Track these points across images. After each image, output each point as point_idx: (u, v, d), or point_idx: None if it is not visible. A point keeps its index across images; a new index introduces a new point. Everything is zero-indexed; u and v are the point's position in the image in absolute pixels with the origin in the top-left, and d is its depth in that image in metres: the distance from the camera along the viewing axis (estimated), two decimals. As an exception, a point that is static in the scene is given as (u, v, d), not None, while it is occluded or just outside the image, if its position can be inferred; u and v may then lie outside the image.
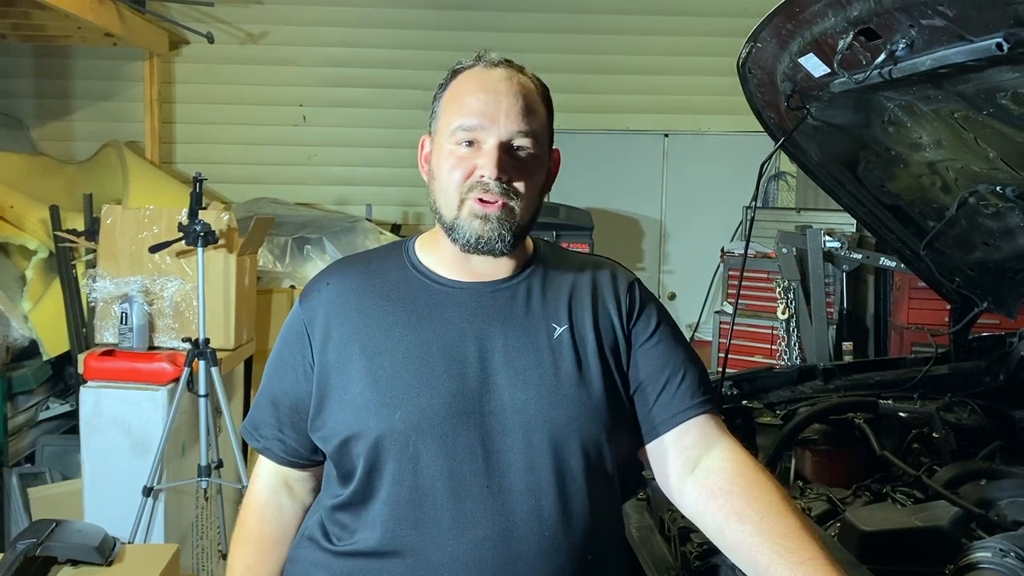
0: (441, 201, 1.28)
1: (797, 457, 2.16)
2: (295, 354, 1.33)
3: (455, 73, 1.32)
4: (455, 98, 1.28)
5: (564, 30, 5.69)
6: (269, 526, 1.42)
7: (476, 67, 1.30)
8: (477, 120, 1.24)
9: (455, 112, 1.26)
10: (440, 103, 1.31)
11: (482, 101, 1.25)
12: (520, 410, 1.24)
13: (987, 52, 1.37)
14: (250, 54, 5.56)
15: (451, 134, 1.26)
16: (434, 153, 1.31)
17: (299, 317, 1.35)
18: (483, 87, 1.26)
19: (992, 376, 2.43)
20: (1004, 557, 1.39)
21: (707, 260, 5.37)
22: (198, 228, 3.13)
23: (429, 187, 1.32)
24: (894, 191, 2.31)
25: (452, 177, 1.26)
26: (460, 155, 1.26)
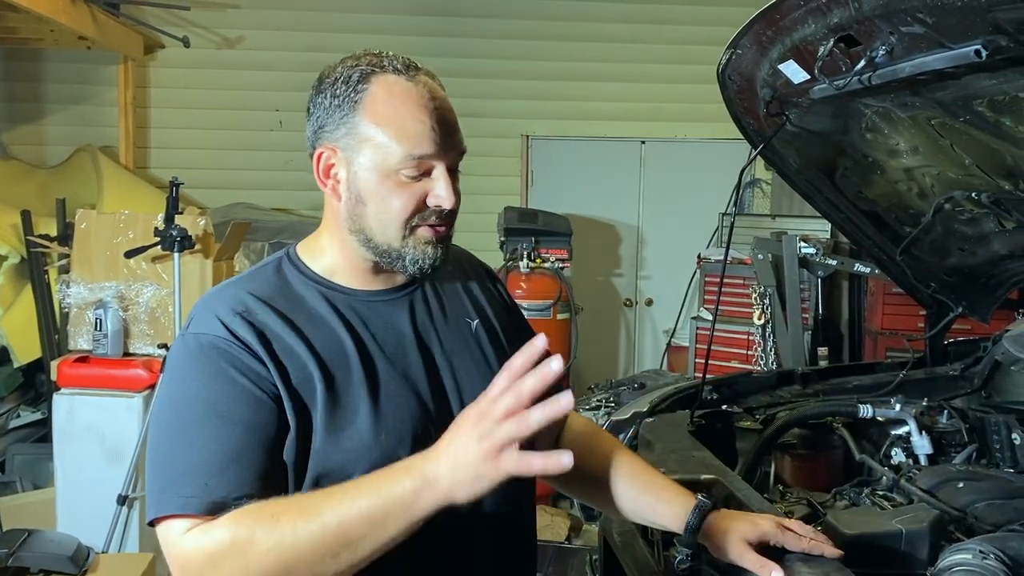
0: (377, 228, 1.18)
1: (777, 461, 2.17)
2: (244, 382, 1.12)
3: (368, 78, 1.18)
4: (386, 118, 1.16)
5: (540, 37, 5.71)
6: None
7: (389, 75, 1.19)
8: (428, 148, 1.16)
9: (395, 138, 1.15)
10: (355, 117, 1.17)
11: (427, 126, 1.16)
12: None
13: (966, 59, 1.40)
14: (226, 59, 5.52)
15: (396, 162, 1.16)
16: (357, 175, 1.18)
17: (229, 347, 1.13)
18: (419, 106, 1.17)
19: (967, 380, 2.46)
20: (984, 559, 1.41)
21: (683, 266, 5.40)
22: (175, 233, 3.10)
23: (348, 209, 1.19)
24: (871, 197, 2.34)
25: (401, 208, 1.17)
26: (410, 186, 1.17)
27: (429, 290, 1.30)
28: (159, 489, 1.07)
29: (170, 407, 1.12)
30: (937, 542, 1.52)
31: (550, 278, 4.79)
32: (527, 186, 5.82)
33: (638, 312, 5.98)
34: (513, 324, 1.40)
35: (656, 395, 2.45)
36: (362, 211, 1.19)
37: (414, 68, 1.21)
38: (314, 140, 1.22)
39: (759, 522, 1.35)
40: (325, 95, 1.20)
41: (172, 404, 1.12)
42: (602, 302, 5.85)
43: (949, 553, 1.45)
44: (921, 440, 2.11)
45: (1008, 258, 2.28)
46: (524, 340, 1.27)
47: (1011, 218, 2.09)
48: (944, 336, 2.60)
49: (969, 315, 2.52)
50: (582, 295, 5.29)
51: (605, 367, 5.73)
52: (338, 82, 1.19)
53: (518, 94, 5.72)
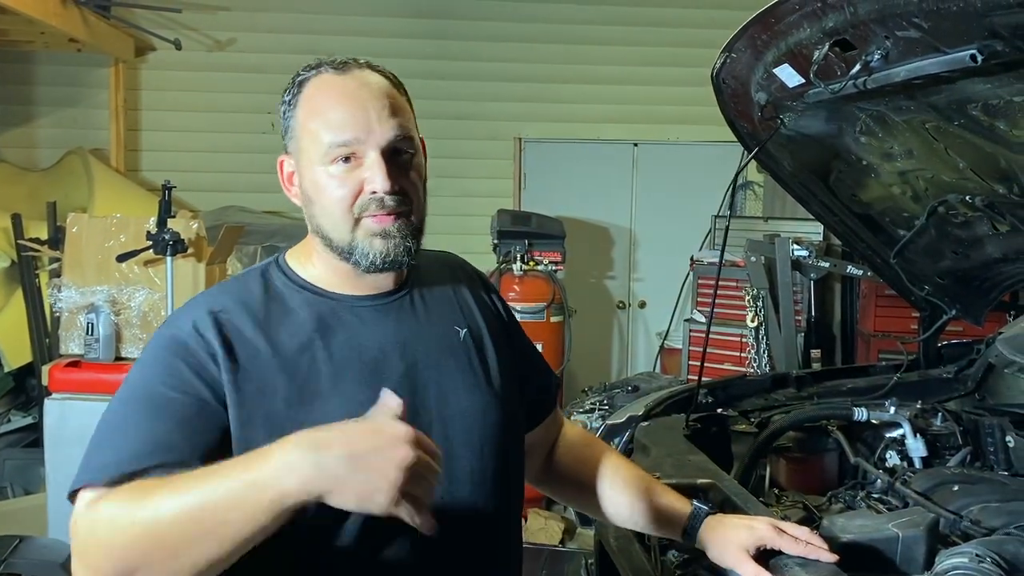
0: (328, 225, 1.17)
1: (772, 465, 2.17)
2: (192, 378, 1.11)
3: (299, 84, 1.19)
4: (314, 112, 1.16)
5: (534, 40, 5.71)
6: None
7: (323, 74, 1.18)
8: (350, 133, 1.14)
9: (321, 129, 1.15)
10: (295, 119, 1.18)
11: (348, 111, 1.15)
12: (462, 418, 1.22)
13: (961, 63, 1.40)
14: (218, 61, 5.50)
15: (324, 154, 1.15)
16: (303, 175, 1.18)
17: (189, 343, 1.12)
18: (343, 95, 1.16)
19: (961, 383, 2.47)
20: (980, 563, 1.41)
21: (676, 268, 5.41)
22: (167, 237, 3.09)
23: (306, 211, 1.20)
24: (865, 200, 2.34)
25: (337, 199, 1.15)
26: (340, 175, 1.15)
27: (417, 297, 1.28)
28: (80, 464, 1.06)
29: (118, 393, 1.12)
30: (933, 546, 1.52)
31: (543, 281, 4.79)
32: (520, 188, 5.82)
33: (631, 314, 5.98)
34: (505, 334, 1.37)
35: (651, 398, 2.45)
36: (313, 211, 1.19)
37: (351, 64, 1.20)
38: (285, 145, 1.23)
39: (755, 526, 1.35)
40: (279, 105, 1.22)
41: (120, 390, 1.12)
42: (595, 304, 5.85)
43: (945, 557, 1.45)
44: (915, 443, 2.11)
45: (1002, 261, 2.29)
46: (515, 350, 1.37)
47: (1005, 221, 2.09)
48: (938, 339, 2.61)
49: (962, 318, 2.53)
50: (575, 297, 5.29)
51: (599, 370, 5.73)
52: (286, 90, 1.21)
53: (511, 96, 5.72)
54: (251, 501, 0.91)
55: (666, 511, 1.40)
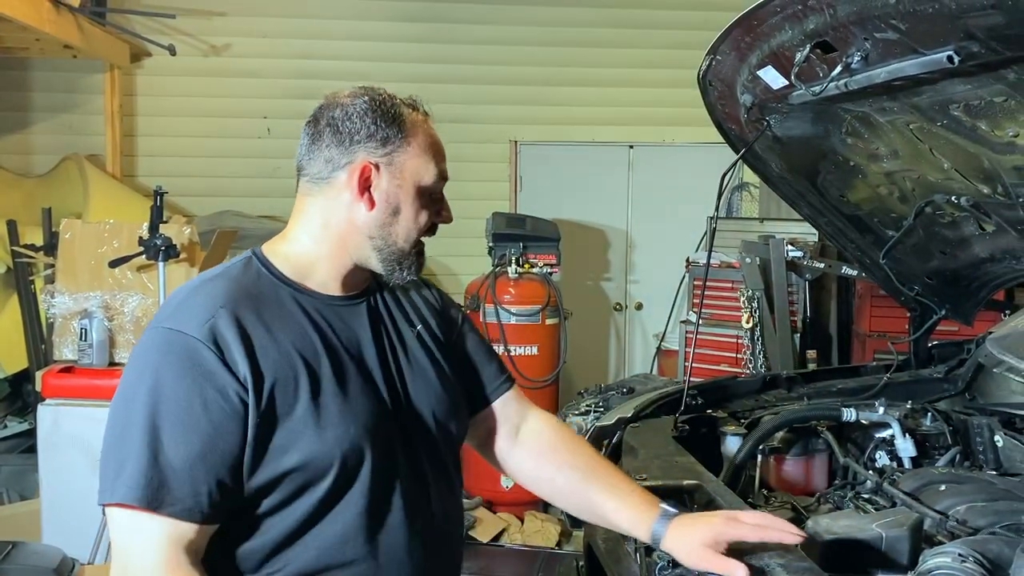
0: (403, 235, 1.36)
1: (762, 465, 2.17)
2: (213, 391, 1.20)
3: (401, 109, 1.37)
4: (428, 145, 1.38)
5: (528, 43, 5.72)
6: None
7: (417, 114, 1.40)
8: (446, 175, 1.41)
9: (434, 161, 1.38)
10: (406, 142, 1.35)
11: (442, 157, 1.41)
12: (429, 408, 1.42)
13: (939, 65, 1.41)
14: (213, 66, 5.51)
15: (435, 180, 1.38)
16: (400, 189, 1.35)
17: (202, 352, 1.20)
18: (439, 143, 1.41)
19: (951, 383, 2.47)
20: (963, 562, 1.41)
21: (673, 270, 5.41)
22: (159, 242, 3.10)
23: (381, 217, 1.35)
24: (853, 201, 2.35)
25: (426, 218, 1.38)
26: (433, 202, 1.39)
27: (379, 300, 1.44)
28: (117, 474, 1.16)
29: (142, 399, 1.18)
30: (917, 545, 1.53)
31: (539, 283, 4.79)
32: (516, 191, 5.83)
33: (628, 316, 5.99)
34: (447, 324, 1.54)
35: (641, 400, 2.45)
36: (394, 220, 1.35)
37: (423, 108, 1.43)
38: (342, 157, 1.34)
39: (713, 521, 1.41)
40: (360, 119, 1.34)
41: (142, 396, 1.18)
42: (592, 307, 5.85)
43: (929, 556, 1.45)
44: (905, 443, 2.11)
45: (988, 261, 2.29)
46: (459, 335, 1.55)
47: (990, 221, 2.10)
48: (928, 339, 2.61)
49: (952, 317, 2.53)
50: (571, 300, 5.29)
51: (595, 372, 5.73)
52: (376, 109, 1.35)
53: (506, 100, 5.73)
54: None
55: (632, 511, 1.46)
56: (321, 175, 1.35)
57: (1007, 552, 1.42)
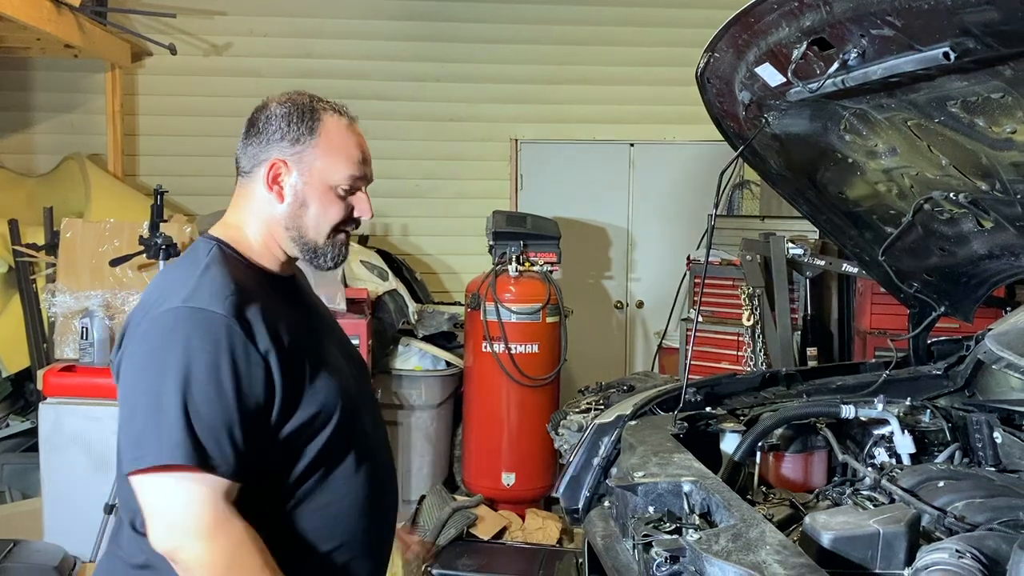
0: (312, 228, 1.52)
1: (760, 462, 2.17)
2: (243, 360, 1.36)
3: (320, 113, 1.52)
4: (339, 147, 1.52)
5: (529, 41, 5.72)
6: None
7: (341, 118, 1.54)
8: (361, 172, 1.54)
9: (344, 162, 1.52)
10: (315, 143, 1.50)
11: (360, 156, 1.54)
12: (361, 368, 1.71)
13: (935, 61, 1.41)
14: (214, 66, 5.52)
15: (341, 180, 1.51)
16: (307, 185, 1.51)
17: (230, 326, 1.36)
18: (358, 142, 1.55)
19: (951, 379, 2.47)
20: (960, 558, 1.41)
21: (674, 268, 5.40)
22: (159, 241, 3.10)
23: (289, 210, 1.51)
24: (852, 198, 2.35)
25: (335, 214, 1.53)
26: (343, 199, 1.53)
27: (301, 281, 1.66)
28: (158, 438, 1.28)
29: (174, 370, 1.30)
30: (915, 542, 1.53)
31: (539, 281, 4.78)
32: (516, 190, 5.83)
33: (629, 314, 5.99)
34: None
35: (640, 397, 2.45)
36: (303, 213, 1.51)
37: (348, 114, 1.57)
38: (259, 153, 1.51)
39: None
40: (280, 119, 1.50)
41: (174, 367, 1.30)
42: (593, 305, 5.85)
43: (926, 553, 1.46)
44: (904, 439, 2.11)
45: (987, 258, 2.29)
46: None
47: (989, 218, 2.10)
48: (927, 336, 2.61)
49: (951, 315, 2.53)
50: (572, 298, 5.29)
51: (597, 370, 5.72)
52: (294, 111, 1.51)
53: (506, 98, 5.73)
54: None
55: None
56: (246, 169, 1.53)
57: (1004, 548, 1.42)
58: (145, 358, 1.34)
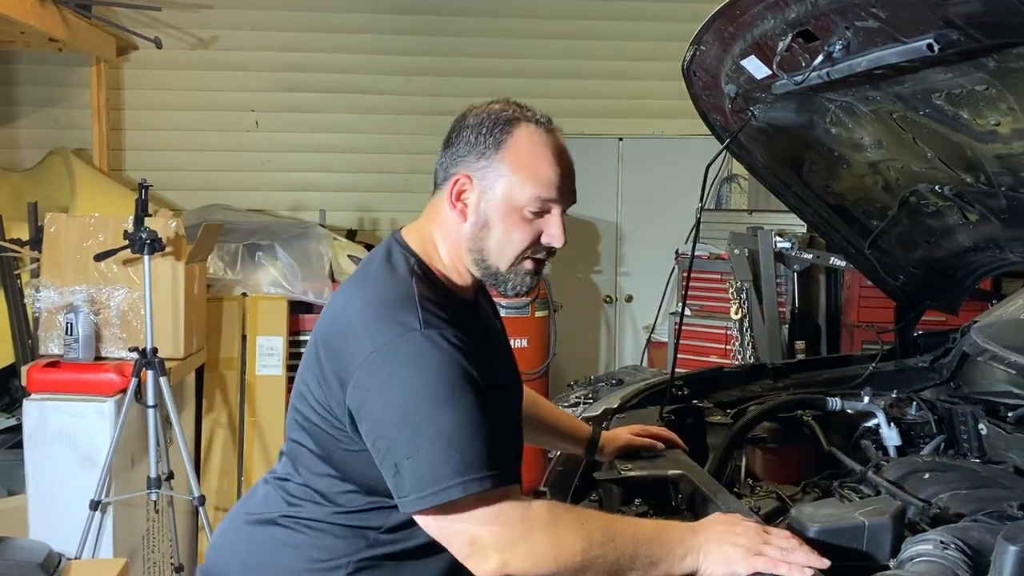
0: (494, 252, 1.40)
1: (747, 455, 2.18)
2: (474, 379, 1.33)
3: (508, 122, 1.39)
4: (527, 163, 1.37)
5: (517, 35, 5.70)
6: None
7: (536, 127, 1.40)
8: (556, 195, 1.38)
9: (531, 181, 1.37)
10: (502, 154, 1.37)
11: (559, 175, 1.38)
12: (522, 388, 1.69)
13: (919, 53, 1.40)
14: (200, 59, 5.48)
15: (528, 200, 1.37)
16: (490, 204, 1.38)
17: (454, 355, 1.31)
18: (556, 157, 1.39)
19: (936, 372, 2.48)
20: (945, 549, 1.42)
21: (663, 262, 5.40)
22: (144, 236, 3.08)
23: (472, 230, 1.40)
24: (838, 191, 2.35)
25: (519, 239, 1.39)
26: (531, 222, 1.39)
27: (483, 300, 1.57)
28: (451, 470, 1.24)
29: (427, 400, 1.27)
30: (900, 533, 1.53)
31: (528, 276, 4.78)
32: (506, 184, 5.81)
33: (618, 308, 5.99)
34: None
35: (627, 391, 2.46)
36: (485, 235, 1.40)
37: (551, 122, 1.44)
38: (449, 166, 1.42)
39: (620, 435, 1.87)
40: (470, 130, 1.40)
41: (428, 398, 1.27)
42: (582, 299, 5.85)
43: (910, 544, 1.46)
44: (890, 432, 2.12)
45: (972, 250, 2.30)
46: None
47: (974, 210, 2.11)
48: (914, 328, 2.62)
49: (937, 307, 2.54)
50: (562, 292, 5.29)
51: (586, 364, 5.73)
52: (485, 122, 1.40)
53: (495, 92, 5.60)
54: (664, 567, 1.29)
55: (573, 431, 1.87)
56: (439, 181, 1.44)
57: (988, 539, 1.43)
58: (397, 392, 1.28)
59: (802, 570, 1.30)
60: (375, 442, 1.31)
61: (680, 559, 1.29)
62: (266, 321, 4.12)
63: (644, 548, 1.29)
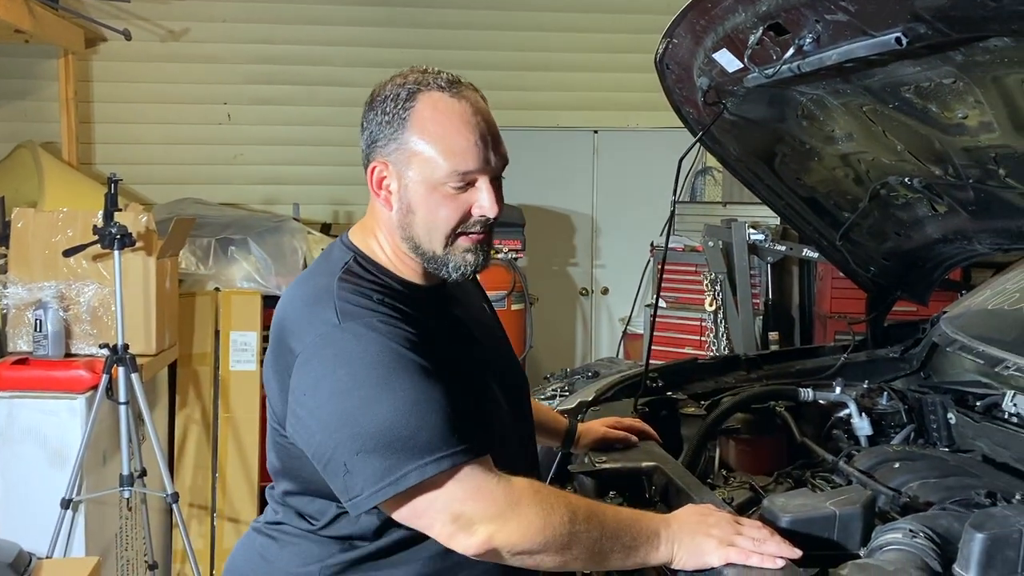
0: (424, 236, 1.32)
1: (721, 446, 2.19)
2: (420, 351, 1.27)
3: (413, 97, 1.29)
4: (439, 136, 1.27)
5: (492, 27, 5.69)
6: None
7: (440, 93, 1.29)
8: (474, 164, 1.27)
9: (447, 154, 1.26)
10: (409, 133, 1.28)
11: (472, 142, 1.27)
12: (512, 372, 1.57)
13: (888, 46, 1.41)
14: (171, 51, 5.41)
15: (444, 176, 1.27)
16: (408, 188, 1.30)
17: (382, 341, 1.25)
18: (466, 123, 1.27)
19: (907, 362, 2.50)
20: (914, 537, 1.44)
21: (638, 255, 5.42)
22: (114, 231, 3.04)
23: (399, 219, 1.32)
24: (809, 183, 2.37)
25: (447, 219, 1.30)
26: (456, 197, 1.29)
27: (452, 291, 1.45)
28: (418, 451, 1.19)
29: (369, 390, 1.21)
30: (870, 522, 1.55)
31: (503, 269, 4.78)
32: (481, 177, 5.80)
33: (594, 301, 6.01)
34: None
35: (603, 383, 2.46)
36: (411, 220, 1.31)
37: (457, 84, 1.32)
38: (368, 154, 1.33)
39: (595, 428, 1.86)
40: (376, 112, 1.31)
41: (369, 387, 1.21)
42: (558, 292, 5.86)
43: (880, 533, 1.48)
44: (861, 422, 2.14)
45: (941, 241, 2.33)
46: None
47: (943, 202, 2.13)
48: (885, 319, 2.65)
49: (907, 298, 2.57)
50: (538, 285, 5.30)
51: (562, 356, 5.75)
52: (387, 100, 1.29)
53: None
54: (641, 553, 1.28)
55: (550, 424, 1.82)
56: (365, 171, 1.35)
57: (956, 527, 1.45)
58: (337, 386, 1.23)
59: (774, 560, 1.30)
60: (318, 448, 1.25)
61: (655, 548, 1.28)
62: (239, 316, 4.08)
63: (625, 530, 1.27)
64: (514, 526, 1.21)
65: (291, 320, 1.33)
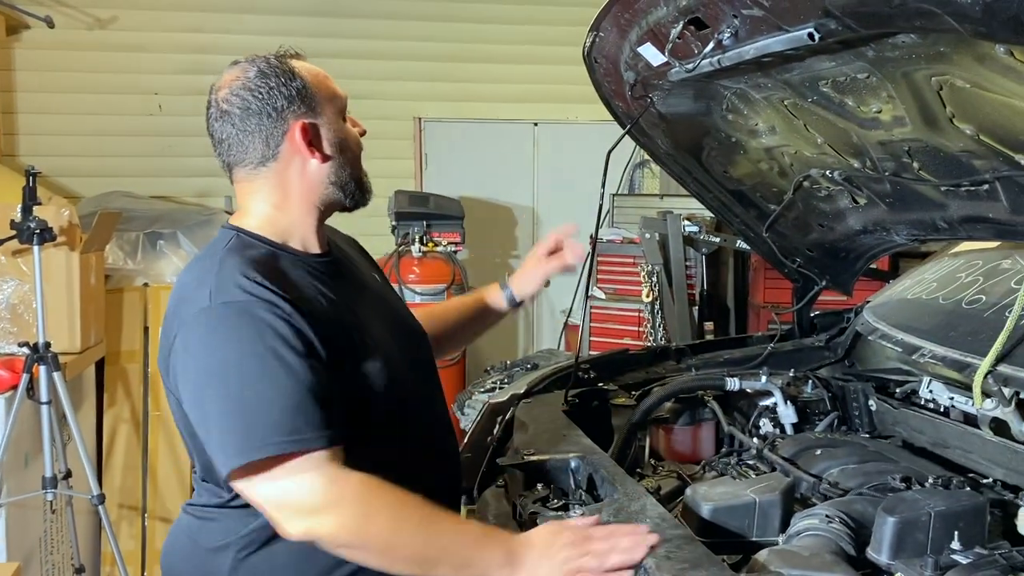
0: (356, 163, 1.51)
1: (651, 436, 2.22)
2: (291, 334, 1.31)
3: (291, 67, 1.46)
4: (322, 86, 1.48)
5: (430, 18, 5.64)
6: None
7: (296, 60, 1.50)
8: (343, 98, 1.53)
9: (330, 94, 1.49)
10: (307, 90, 1.45)
11: (331, 79, 1.52)
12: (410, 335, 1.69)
13: (801, 42, 1.44)
14: (98, 39, 5.25)
15: (343, 105, 1.51)
16: (332, 128, 1.48)
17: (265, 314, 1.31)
18: (327, 76, 1.52)
19: (832, 351, 2.56)
20: (830, 523, 1.47)
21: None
22: (33, 225, 2.93)
23: (340, 159, 1.48)
24: (736, 176, 2.40)
25: (357, 141, 1.53)
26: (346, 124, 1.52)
27: (340, 257, 1.58)
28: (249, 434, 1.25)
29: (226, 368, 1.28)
30: (789, 509, 1.59)
31: (443, 262, 4.76)
32: (421, 169, 5.77)
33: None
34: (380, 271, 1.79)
35: (534, 376, 2.47)
36: (347, 153, 1.50)
37: (294, 52, 1.53)
38: (275, 130, 1.43)
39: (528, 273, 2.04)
40: (262, 101, 1.42)
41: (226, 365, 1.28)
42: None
43: (798, 519, 1.51)
44: (787, 410, 2.18)
45: (862, 233, 2.38)
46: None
47: (862, 195, 2.18)
48: (810, 309, 2.70)
49: (832, 288, 2.62)
50: (479, 278, 5.28)
51: (503, 349, 5.75)
52: (270, 75, 1.43)
53: (409, 75, 5.64)
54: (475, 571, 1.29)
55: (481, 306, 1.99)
56: (266, 156, 1.44)
57: (870, 511, 1.49)
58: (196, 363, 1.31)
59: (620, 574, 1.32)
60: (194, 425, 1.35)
61: (494, 570, 1.29)
62: (170, 312, 3.99)
63: (460, 548, 1.30)
64: (330, 523, 1.27)
65: (174, 302, 1.42)
